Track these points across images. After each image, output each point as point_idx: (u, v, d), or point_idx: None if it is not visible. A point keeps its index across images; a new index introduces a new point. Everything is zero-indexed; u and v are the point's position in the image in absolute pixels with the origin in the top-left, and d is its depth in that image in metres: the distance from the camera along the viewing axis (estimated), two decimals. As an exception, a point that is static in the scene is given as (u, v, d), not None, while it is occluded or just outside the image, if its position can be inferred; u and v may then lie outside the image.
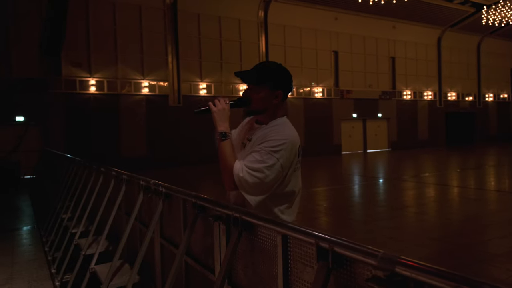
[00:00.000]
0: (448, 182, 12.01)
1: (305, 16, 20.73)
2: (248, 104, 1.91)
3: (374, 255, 1.02)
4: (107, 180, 3.96)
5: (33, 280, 4.39)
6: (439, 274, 0.86)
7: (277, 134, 1.79)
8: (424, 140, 26.47)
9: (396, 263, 0.96)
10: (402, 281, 0.95)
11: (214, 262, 1.92)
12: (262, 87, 1.88)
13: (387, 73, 24.79)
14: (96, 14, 15.66)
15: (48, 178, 8.58)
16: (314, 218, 7.46)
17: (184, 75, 17.71)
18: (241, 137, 2.03)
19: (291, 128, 1.88)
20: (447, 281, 0.84)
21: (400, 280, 0.95)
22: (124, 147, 16.24)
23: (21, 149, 14.01)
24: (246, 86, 1.97)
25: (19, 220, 8.03)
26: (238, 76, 1.94)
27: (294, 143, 1.81)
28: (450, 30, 26.54)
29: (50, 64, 14.61)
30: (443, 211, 7.87)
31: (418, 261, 0.93)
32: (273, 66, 1.94)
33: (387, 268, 0.98)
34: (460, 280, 0.82)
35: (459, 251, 5.12)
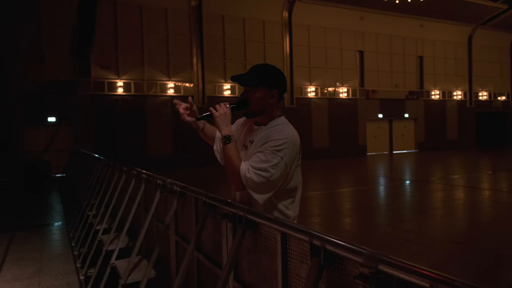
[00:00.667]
0: (477, 184, 11.66)
1: (330, 16, 20.60)
2: (247, 106, 1.97)
3: (361, 253, 1.05)
4: (128, 179, 4.10)
5: (59, 273, 4.59)
6: (417, 272, 0.89)
7: (279, 134, 1.85)
8: (453, 141, 25.74)
9: (379, 261, 0.99)
10: (385, 278, 0.98)
11: (222, 258, 1.99)
12: (258, 88, 1.95)
13: (414, 72, 24.27)
14: (124, 18, 16.11)
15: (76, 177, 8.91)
16: (335, 219, 7.44)
17: (209, 76, 17.95)
18: (241, 139, 2.09)
19: (291, 128, 1.94)
20: (424, 279, 0.87)
21: (383, 277, 0.98)
22: (150, 147, 16.62)
23: (53, 149, 14.58)
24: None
25: (49, 216, 8.37)
26: (235, 80, 1.99)
27: (295, 141, 1.88)
28: (481, 27, 25.70)
29: (80, 66, 15.16)
30: (469, 214, 7.67)
31: (400, 259, 0.96)
32: (267, 67, 2.02)
33: (371, 265, 1.01)
34: (436, 279, 0.85)
35: (479, 256, 5.00)
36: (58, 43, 14.78)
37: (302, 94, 20.35)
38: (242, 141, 2.07)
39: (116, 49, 16.02)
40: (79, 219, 5.96)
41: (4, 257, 5.24)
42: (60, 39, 14.81)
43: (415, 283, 0.89)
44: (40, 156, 14.02)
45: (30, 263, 4.99)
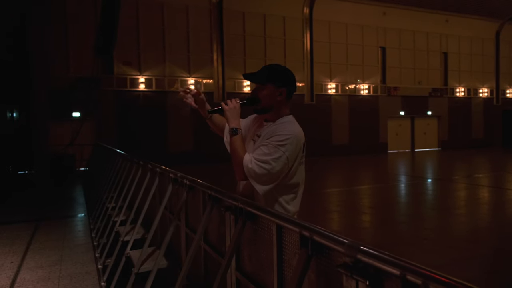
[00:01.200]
0: (502, 184, 11.37)
1: (351, 11, 20.36)
2: (257, 103, 2.07)
3: (342, 243, 1.10)
4: (144, 173, 4.23)
5: (79, 262, 4.79)
6: (389, 261, 0.94)
7: (284, 130, 1.95)
8: (478, 140, 25.08)
9: (358, 251, 1.04)
10: (364, 267, 1.03)
11: (226, 249, 2.07)
12: (266, 85, 2.04)
13: (438, 69, 23.73)
14: (146, 15, 16.39)
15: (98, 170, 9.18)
16: (351, 215, 7.42)
17: (229, 73, 18.07)
18: (250, 133, 2.20)
19: (296, 125, 2.03)
20: (394, 267, 0.92)
21: (362, 266, 1.04)
22: (171, 142, 16.89)
23: (77, 143, 15.02)
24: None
25: (72, 208, 8.68)
26: (247, 78, 2.11)
27: (299, 138, 1.96)
28: (509, 23, 24.87)
29: (103, 63, 15.54)
30: (490, 214, 7.52)
31: (376, 249, 1.01)
32: (277, 67, 2.12)
33: (351, 255, 1.06)
34: (405, 267, 0.89)
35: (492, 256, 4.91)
36: (82, 41, 15.18)
37: (323, 91, 20.23)
38: (251, 136, 2.17)
39: (138, 46, 16.33)
40: (99, 211, 6.17)
41: (28, 246, 5.49)
42: (85, 37, 15.20)
43: (389, 271, 0.94)
44: (65, 150, 14.48)
45: (52, 252, 5.22)
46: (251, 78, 2.09)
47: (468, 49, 24.47)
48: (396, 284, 0.96)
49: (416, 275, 0.87)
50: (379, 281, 1.00)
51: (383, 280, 1.00)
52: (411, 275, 0.88)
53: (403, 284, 0.90)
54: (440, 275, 0.83)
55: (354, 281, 1.07)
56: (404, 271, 0.89)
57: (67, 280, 4.22)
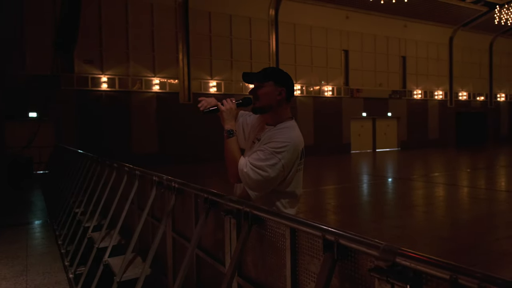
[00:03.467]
0: (457, 182, 11.94)
1: (316, 14, 20.72)
2: (253, 103, 2.04)
3: (377, 247, 1.08)
4: (120, 176, 4.06)
5: (47, 272, 4.52)
6: (436, 264, 0.92)
7: (282, 136, 1.91)
8: (434, 140, 26.29)
9: (396, 254, 1.02)
10: (402, 270, 1.01)
11: (225, 254, 2.00)
12: (266, 83, 2.02)
13: (397, 72, 24.66)
14: (108, 12, 15.86)
15: (60, 174, 8.75)
16: (321, 216, 7.51)
17: (195, 73, 17.84)
18: (252, 136, 2.16)
19: (296, 132, 1.99)
20: (444, 271, 0.90)
21: (400, 269, 1.02)
22: (135, 143, 16.43)
23: (34, 145, 14.25)
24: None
25: (32, 214, 8.20)
26: (246, 77, 2.08)
27: (297, 145, 1.92)
28: (462, 29, 26.28)
29: (62, 61, 14.86)
30: (452, 211, 7.86)
31: (416, 252, 1.00)
32: (277, 68, 2.12)
33: (388, 258, 1.04)
34: (456, 269, 0.88)
35: (466, 250, 5.14)
36: (40, 37, 14.44)
37: (288, 92, 20.39)
38: (252, 138, 2.13)
39: (100, 44, 15.76)
40: (66, 217, 5.86)
41: (-11, 256, 5.12)
42: (42, 33, 14.47)
43: (435, 275, 0.93)
44: (22, 152, 13.69)
45: (16, 261, 4.89)
46: (251, 77, 2.05)
47: (424, 53, 25.60)
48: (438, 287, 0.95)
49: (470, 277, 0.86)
50: (419, 285, 0.99)
51: (423, 284, 0.99)
52: (463, 278, 0.87)
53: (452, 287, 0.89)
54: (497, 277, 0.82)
55: (390, 285, 1.05)
56: (455, 274, 0.88)
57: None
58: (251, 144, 2.10)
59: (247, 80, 2.08)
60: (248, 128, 2.27)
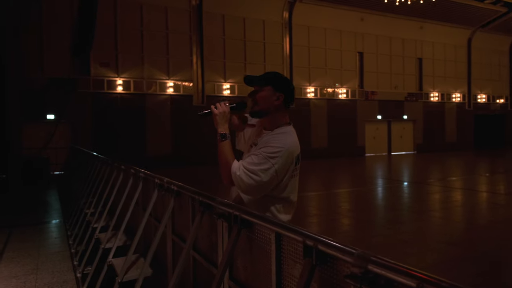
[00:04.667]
0: (475, 186, 11.69)
1: (330, 16, 20.62)
2: (251, 106, 2.05)
3: (351, 253, 1.07)
4: (127, 178, 4.12)
5: (57, 271, 4.61)
6: (405, 272, 0.91)
7: (277, 142, 1.91)
8: (451, 143, 25.80)
9: (369, 261, 1.01)
10: (374, 278, 1.00)
11: (218, 257, 2.01)
12: (265, 88, 2.02)
13: (413, 74, 24.32)
14: (124, 16, 16.11)
15: (74, 175, 8.92)
16: (332, 219, 7.46)
17: (208, 76, 17.96)
18: (250, 140, 2.18)
19: (292, 137, 1.98)
20: (411, 279, 0.89)
21: (372, 277, 1.01)
22: (150, 146, 16.62)
23: (51, 146, 14.57)
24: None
25: (47, 214, 8.39)
26: (247, 81, 2.08)
27: (292, 151, 1.92)
28: (481, 30, 25.76)
29: (79, 64, 15.15)
30: (467, 216, 7.71)
31: (389, 259, 0.98)
32: (278, 73, 2.10)
33: (361, 265, 1.03)
34: (422, 279, 0.87)
35: (475, 258, 5.02)
36: (58, 41, 14.76)
37: (302, 95, 20.36)
38: (250, 142, 2.15)
39: (116, 47, 16.02)
40: (77, 217, 5.98)
41: (1, 254, 5.25)
42: (60, 36, 14.79)
43: (403, 283, 0.92)
44: (39, 153, 14.01)
45: (27, 260, 5.01)
46: (252, 80, 2.06)
47: (441, 55, 25.18)
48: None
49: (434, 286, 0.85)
50: (390, 292, 0.98)
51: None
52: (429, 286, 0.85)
53: (419, 296, 0.88)
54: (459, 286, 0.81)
55: (363, 292, 1.04)
56: (421, 283, 0.87)
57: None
58: (249, 148, 2.11)
59: (248, 82, 2.09)
60: (248, 132, 2.28)
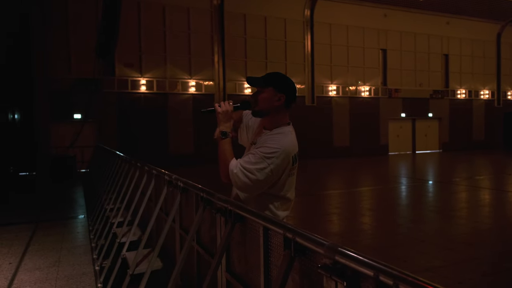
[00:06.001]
0: (502, 186, 11.34)
1: (352, 13, 20.39)
2: (250, 107, 2.10)
3: (322, 244, 1.12)
4: (142, 175, 4.26)
5: (77, 264, 4.81)
6: (364, 262, 0.96)
7: (274, 142, 1.95)
8: (479, 142, 25.04)
9: (336, 252, 1.06)
10: (342, 268, 1.05)
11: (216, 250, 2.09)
12: (267, 89, 2.06)
13: (439, 71, 23.72)
14: (147, 17, 16.45)
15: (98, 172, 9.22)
16: (350, 218, 7.43)
17: (230, 75, 18.11)
18: (251, 139, 2.23)
19: (289, 138, 2.01)
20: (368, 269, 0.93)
21: (340, 267, 1.05)
22: (172, 144, 16.93)
23: (78, 145, 15.08)
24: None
25: (73, 210, 8.71)
26: (249, 82, 2.12)
27: (288, 152, 1.96)
28: (510, 25, 24.85)
29: (104, 65, 15.59)
30: (490, 216, 7.50)
31: (353, 250, 1.03)
32: (280, 74, 2.13)
33: (330, 256, 1.08)
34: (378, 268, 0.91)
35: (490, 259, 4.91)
36: (83, 42, 15.25)
37: (323, 93, 20.24)
38: (251, 140, 2.20)
39: (139, 47, 16.39)
40: (98, 213, 6.20)
41: (27, 247, 5.52)
42: (86, 38, 15.27)
43: (363, 273, 0.96)
44: (66, 152, 14.53)
45: (50, 253, 5.24)
46: (254, 81, 2.10)
47: (469, 51, 24.45)
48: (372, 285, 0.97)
49: (388, 276, 0.89)
50: (356, 282, 1.02)
51: (360, 281, 1.02)
52: (383, 276, 0.90)
53: (376, 284, 0.92)
54: (411, 276, 0.84)
55: (334, 282, 1.09)
56: (377, 272, 0.91)
57: (64, 281, 4.25)
58: (249, 146, 2.17)
59: (250, 83, 2.13)
60: (249, 131, 2.32)
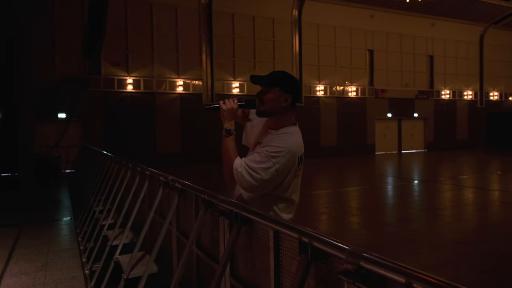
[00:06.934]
0: (486, 185, 11.55)
1: (340, 14, 20.51)
2: (258, 106, 2.03)
3: (344, 249, 1.08)
4: (134, 176, 4.16)
5: (66, 268, 4.68)
6: (394, 268, 0.92)
7: (280, 142, 1.90)
8: (463, 141, 25.49)
9: (361, 258, 1.02)
10: (366, 274, 1.01)
11: (220, 254, 2.03)
12: (273, 89, 2.00)
13: (424, 72, 24.06)
14: (134, 15, 16.24)
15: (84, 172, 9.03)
16: (340, 217, 7.44)
17: (218, 74, 18.01)
18: (256, 139, 2.16)
19: (295, 138, 1.97)
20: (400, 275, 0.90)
21: (365, 273, 1.01)
22: (159, 144, 16.75)
23: (63, 145, 14.77)
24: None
25: (58, 211, 8.51)
26: (254, 81, 2.04)
27: (294, 152, 1.91)
28: (493, 27, 25.37)
29: (90, 64, 15.32)
30: (477, 215, 7.61)
31: (380, 256, 0.99)
32: (286, 73, 2.08)
33: (353, 262, 1.04)
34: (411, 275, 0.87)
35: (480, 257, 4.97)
36: (69, 41, 14.96)
37: (311, 93, 20.31)
38: (256, 140, 2.14)
39: (126, 46, 16.16)
40: (86, 215, 6.05)
41: (12, 251, 5.35)
42: (71, 36, 14.98)
43: (393, 279, 0.92)
44: (51, 152, 14.22)
45: (37, 257, 5.09)
46: (258, 80, 2.04)
47: (453, 52, 24.87)
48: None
49: (422, 283, 0.85)
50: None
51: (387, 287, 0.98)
52: (417, 283, 0.86)
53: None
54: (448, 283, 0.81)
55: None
56: (409, 279, 0.87)
57: (52, 286, 4.12)
58: (254, 146, 2.11)
59: (254, 82, 2.06)
60: (254, 130, 2.27)
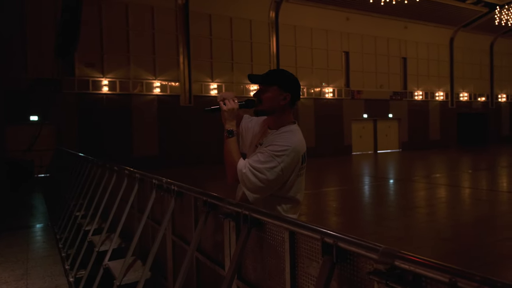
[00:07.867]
0: (459, 183, 11.92)
1: (316, 16, 20.74)
2: (256, 105, 2.02)
3: (376, 250, 1.07)
4: (120, 179, 4.05)
5: (48, 275, 4.51)
6: (436, 267, 0.91)
7: (283, 140, 1.89)
8: (435, 141, 26.26)
9: (395, 257, 1.01)
10: (401, 273, 1.00)
11: (224, 257, 1.99)
12: (271, 87, 1.98)
13: (398, 73, 24.65)
14: (109, 15, 15.89)
15: (61, 177, 8.75)
16: (323, 218, 7.49)
17: (195, 75, 17.85)
18: (255, 140, 2.13)
19: (298, 136, 1.96)
20: (443, 274, 0.89)
21: (399, 272, 1.01)
22: (136, 146, 16.44)
23: (35, 148, 14.27)
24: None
25: (33, 217, 8.20)
26: (252, 79, 2.02)
27: (298, 150, 1.90)
28: (462, 30, 26.28)
29: (64, 65, 14.88)
30: (453, 212, 7.83)
31: (415, 255, 0.99)
32: (285, 72, 2.06)
33: (387, 261, 1.03)
34: (455, 273, 0.87)
35: (468, 252, 5.12)
36: (41, 40, 14.48)
37: (288, 94, 20.39)
38: (255, 142, 2.11)
39: (101, 47, 15.79)
40: (66, 220, 5.86)
41: (-11, 259, 5.11)
42: (44, 36, 14.51)
43: (434, 278, 0.92)
44: (23, 156, 13.70)
45: (16, 265, 4.88)
46: (256, 79, 2.01)
47: (425, 55, 25.59)
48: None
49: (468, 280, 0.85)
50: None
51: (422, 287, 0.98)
52: (462, 281, 0.86)
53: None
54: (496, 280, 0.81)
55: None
56: (454, 277, 0.87)
57: (36, 295, 3.96)
58: (254, 148, 2.08)
59: (252, 81, 2.03)
60: (248, 133, 2.24)
